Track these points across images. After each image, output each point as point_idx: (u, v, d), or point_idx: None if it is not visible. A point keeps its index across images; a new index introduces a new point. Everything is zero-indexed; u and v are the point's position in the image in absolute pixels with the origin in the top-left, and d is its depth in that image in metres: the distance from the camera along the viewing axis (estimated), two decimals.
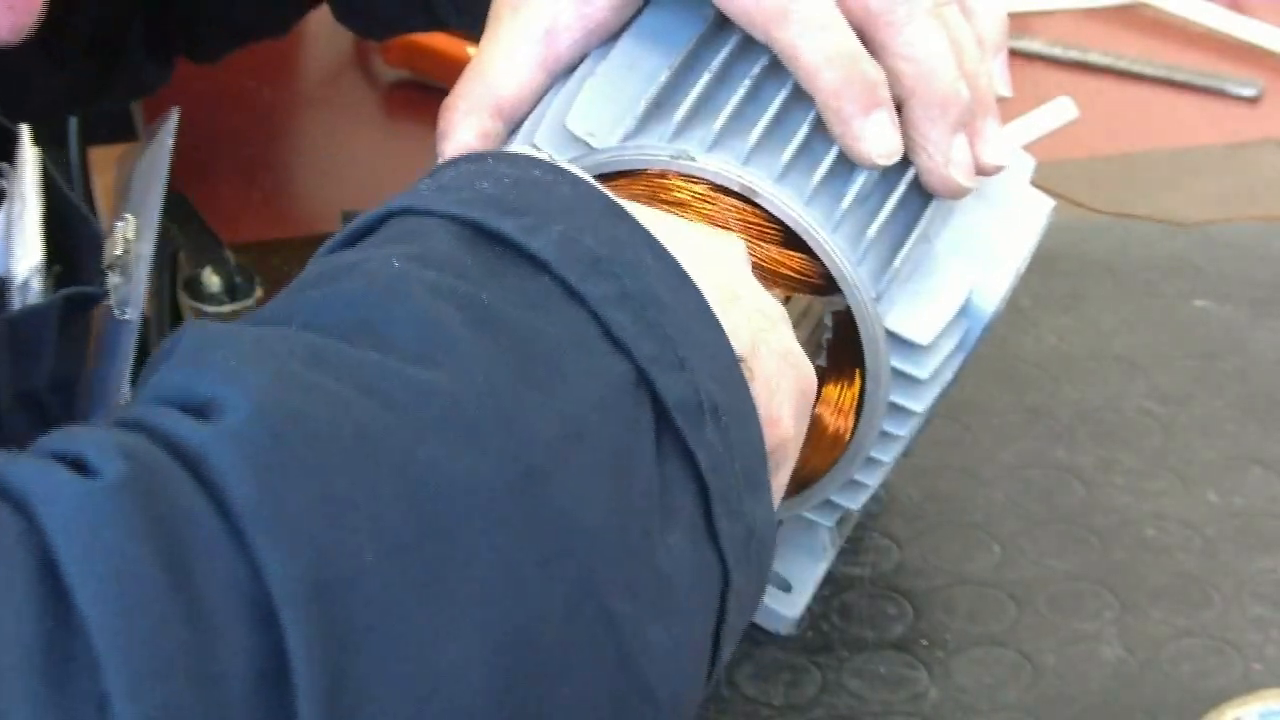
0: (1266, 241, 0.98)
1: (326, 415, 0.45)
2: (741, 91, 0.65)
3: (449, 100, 0.68)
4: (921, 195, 0.67)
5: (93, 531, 0.42)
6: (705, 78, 0.65)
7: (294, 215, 1.00)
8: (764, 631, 0.75)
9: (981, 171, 0.67)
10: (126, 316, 0.67)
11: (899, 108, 0.65)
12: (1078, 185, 0.98)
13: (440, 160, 0.66)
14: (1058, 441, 0.85)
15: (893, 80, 0.65)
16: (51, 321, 0.64)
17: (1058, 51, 1.11)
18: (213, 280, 0.89)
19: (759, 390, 0.55)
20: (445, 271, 0.51)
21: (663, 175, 0.65)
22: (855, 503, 0.72)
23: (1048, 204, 0.72)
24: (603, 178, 0.64)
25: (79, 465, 0.44)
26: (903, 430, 0.69)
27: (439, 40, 1.07)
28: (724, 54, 0.66)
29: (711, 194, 0.64)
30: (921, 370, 0.67)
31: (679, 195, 0.65)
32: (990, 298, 0.68)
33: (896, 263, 0.66)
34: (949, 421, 0.85)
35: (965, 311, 0.68)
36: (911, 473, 0.82)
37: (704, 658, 0.53)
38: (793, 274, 0.66)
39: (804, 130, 0.65)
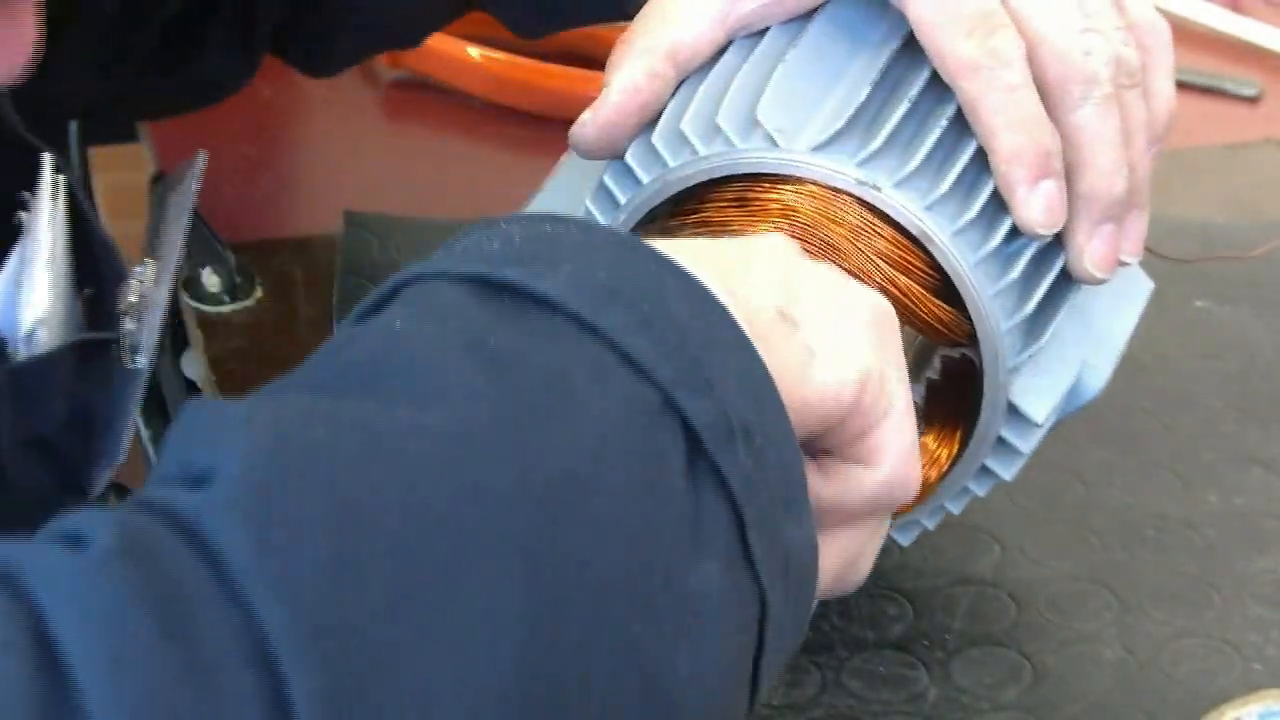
0: (1267, 242, 0.97)
1: (318, 470, 0.45)
2: (938, 133, 0.64)
3: (626, 34, 0.67)
4: (1071, 276, 0.67)
5: (81, 597, 0.41)
6: (904, 107, 0.64)
7: (294, 215, 1.00)
8: None
9: (1119, 263, 0.66)
10: (138, 364, 0.67)
11: None
12: None
13: (605, 89, 0.66)
14: (1058, 442, 0.84)
15: None
16: (60, 370, 0.64)
17: None
18: (213, 280, 0.89)
19: (810, 336, 0.55)
20: (448, 322, 0.49)
21: (835, 192, 0.63)
22: (908, 539, 0.73)
23: (1149, 286, 0.72)
24: (761, 178, 0.63)
25: (74, 541, 0.43)
26: (983, 490, 0.70)
27: (439, 40, 1.07)
28: (920, 84, 0.65)
29: (880, 225, 0.63)
30: (1026, 445, 0.68)
31: (846, 217, 0.63)
32: (1094, 382, 0.69)
33: (1041, 342, 0.65)
34: None
35: (1074, 390, 0.68)
36: None
37: (742, 685, 0.51)
38: (937, 324, 0.64)
39: (988, 190, 0.64)
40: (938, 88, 0.65)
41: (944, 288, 0.64)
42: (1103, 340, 0.70)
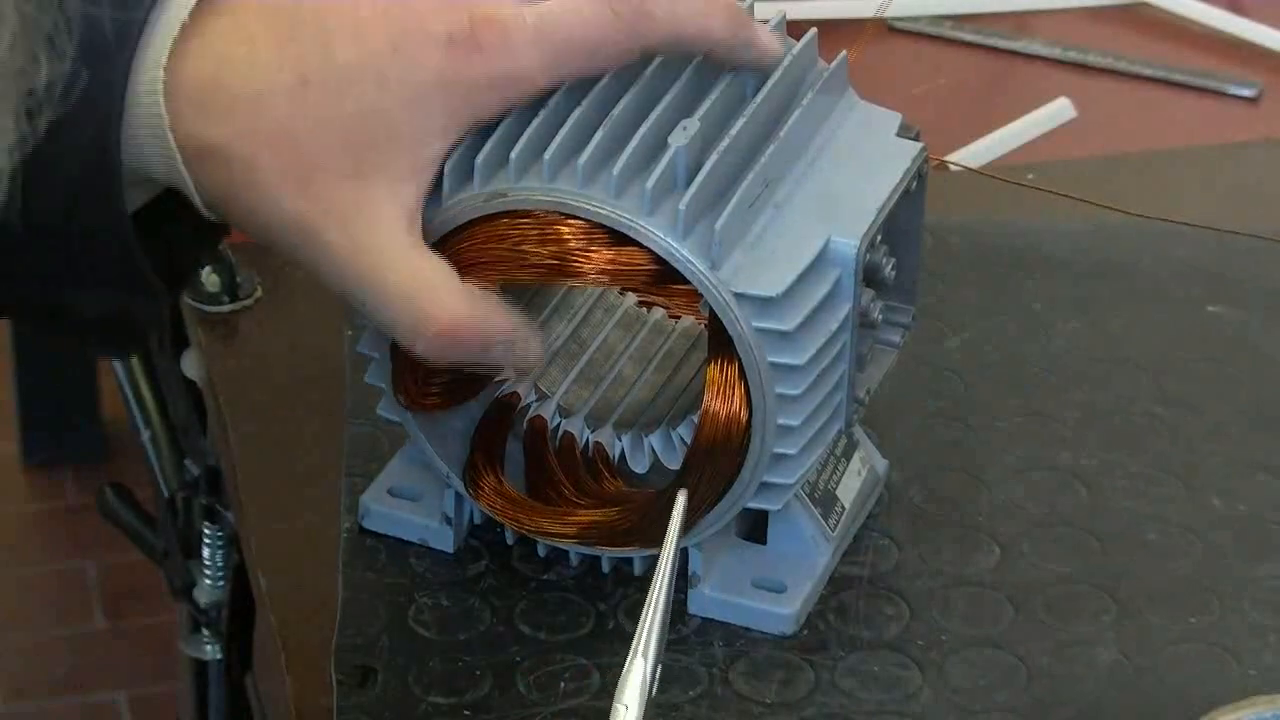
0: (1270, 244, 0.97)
1: None
2: (531, 130, 0.68)
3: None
4: (740, 162, 0.69)
5: None
6: (504, 128, 0.68)
7: None
8: (759, 629, 0.74)
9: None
10: None
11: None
12: (1078, 185, 0.98)
13: None
14: (1062, 444, 0.85)
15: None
16: None
17: (1057, 52, 1.11)
18: (213, 280, 0.89)
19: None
20: None
21: (512, 219, 0.68)
22: (789, 477, 0.71)
23: (914, 148, 0.73)
24: (449, 237, 0.68)
25: None
26: (797, 389, 0.69)
27: None
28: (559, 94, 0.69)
29: (551, 219, 0.67)
30: (784, 323, 0.68)
31: (522, 232, 0.68)
32: (850, 238, 0.69)
33: (718, 224, 0.67)
34: (953, 422, 0.85)
35: (828, 259, 0.69)
36: (913, 473, 0.81)
37: None
38: (631, 268, 0.67)
39: (598, 138, 0.67)
40: (572, 91, 0.69)
41: (667, 270, 0.68)
42: (850, 207, 0.70)
